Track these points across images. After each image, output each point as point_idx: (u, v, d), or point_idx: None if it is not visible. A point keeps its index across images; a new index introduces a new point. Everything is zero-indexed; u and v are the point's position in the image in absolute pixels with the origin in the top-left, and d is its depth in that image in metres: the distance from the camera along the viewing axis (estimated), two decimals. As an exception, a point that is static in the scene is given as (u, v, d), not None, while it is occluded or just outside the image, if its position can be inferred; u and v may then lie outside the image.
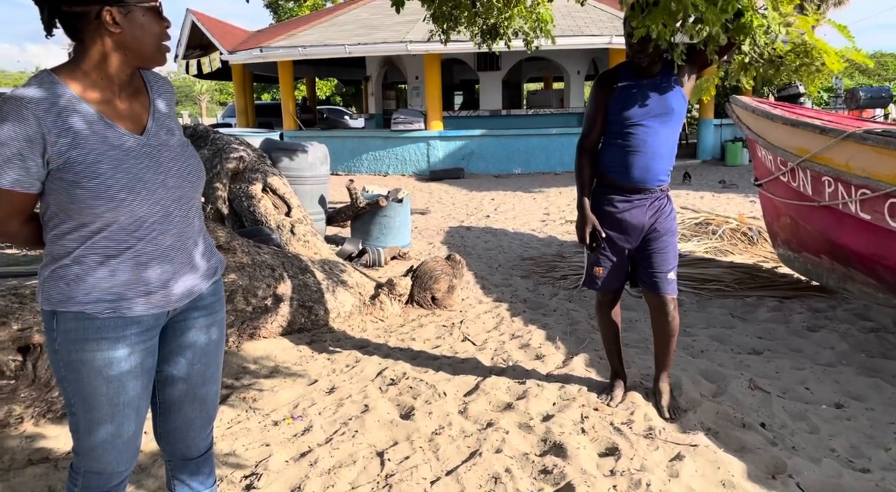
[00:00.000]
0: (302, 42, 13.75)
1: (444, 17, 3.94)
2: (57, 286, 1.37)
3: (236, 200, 5.31)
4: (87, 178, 1.30)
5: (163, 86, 1.53)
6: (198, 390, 1.60)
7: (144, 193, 1.36)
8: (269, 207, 5.22)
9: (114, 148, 1.34)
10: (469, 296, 4.69)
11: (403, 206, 6.08)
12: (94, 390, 1.40)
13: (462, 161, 13.54)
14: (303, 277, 4.04)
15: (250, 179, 5.38)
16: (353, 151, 14.05)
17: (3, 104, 1.26)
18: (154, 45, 1.38)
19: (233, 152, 5.50)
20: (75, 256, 1.36)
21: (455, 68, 17.57)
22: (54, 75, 1.33)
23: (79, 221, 1.34)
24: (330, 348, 3.61)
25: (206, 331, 1.59)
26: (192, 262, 1.51)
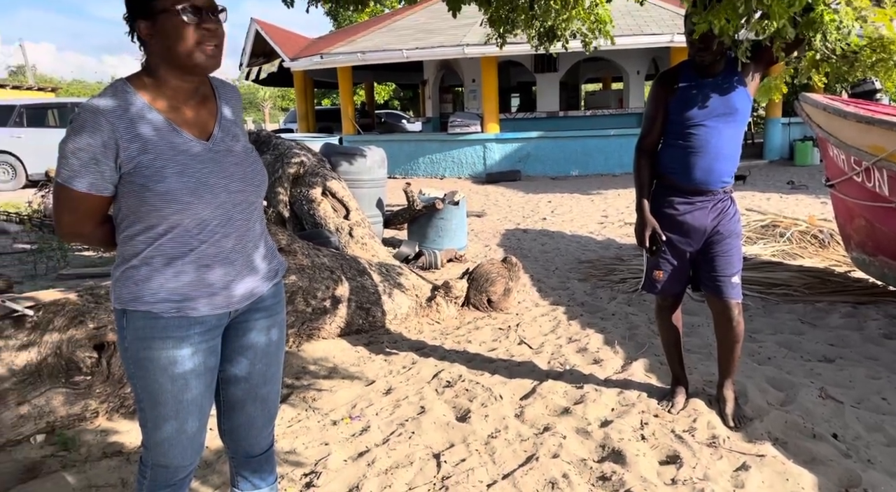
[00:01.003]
0: (361, 48, 13.98)
1: (501, 20, 3.93)
2: (126, 286, 1.44)
3: (297, 204, 5.44)
4: (154, 181, 1.35)
5: (230, 93, 1.57)
6: (259, 389, 1.64)
7: (208, 196, 1.40)
8: (328, 211, 5.33)
9: (180, 153, 1.39)
10: (525, 299, 4.66)
11: (459, 208, 6.10)
12: (160, 387, 1.46)
13: (518, 163, 13.47)
14: (361, 280, 4.10)
15: (310, 182, 5.50)
16: (410, 155, 14.18)
17: (80, 113, 1.33)
18: (188, 50, 1.36)
19: (294, 157, 5.64)
20: (143, 258, 1.42)
21: (512, 70, 17.50)
22: (127, 84, 1.39)
23: (147, 224, 1.39)
24: (387, 350, 3.65)
25: (266, 332, 1.62)
26: (253, 264, 1.54)
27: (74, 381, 2.57)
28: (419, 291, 4.38)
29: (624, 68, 15.49)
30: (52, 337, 2.59)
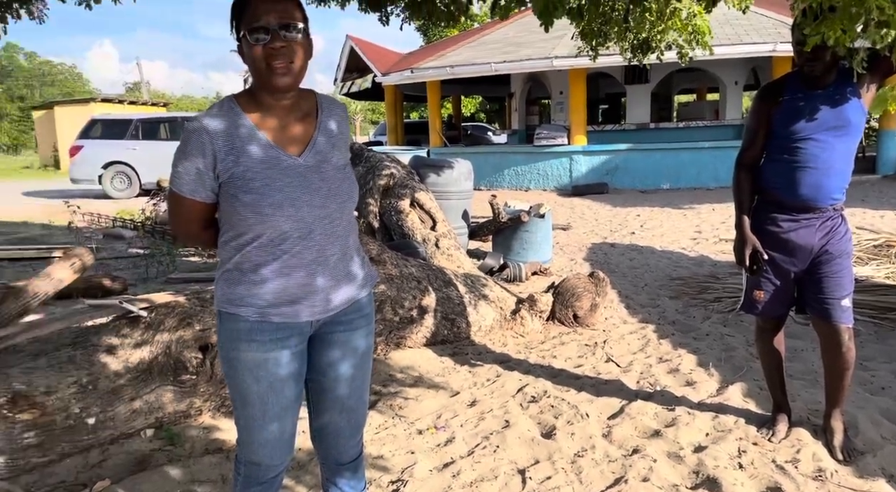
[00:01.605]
0: (450, 62, 14.19)
1: (593, 33, 3.89)
2: (221, 288, 1.54)
3: (386, 215, 5.57)
4: (243, 192, 1.44)
5: (334, 110, 1.62)
6: (346, 399, 1.67)
7: (290, 209, 1.46)
8: (415, 222, 5.42)
9: (270, 167, 1.46)
10: (613, 315, 4.55)
11: (545, 221, 6.05)
12: (248, 388, 1.53)
13: (606, 176, 13.21)
14: (446, 290, 4.14)
15: (399, 194, 5.62)
16: (496, 167, 14.21)
17: (188, 126, 1.46)
18: (259, 70, 1.43)
19: (384, 169, 5.78)
20: (234, 263, 1.51)
21: (601, 82, 17.23)
22: (233, 101, 1.50)
23: (237, 231, 1.48)
24: (471, 361, 3.67)
25: (351, 342, 1.65)
26: (335, 275, 1.57)
27: (181, 379, 2.74)
28: (503, 303, 4.38)
29: (721, 79, 14.90)
30: (162, 337, 2.78)
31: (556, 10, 3.12)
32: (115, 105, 22.08)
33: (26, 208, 11.01)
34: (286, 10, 1.43)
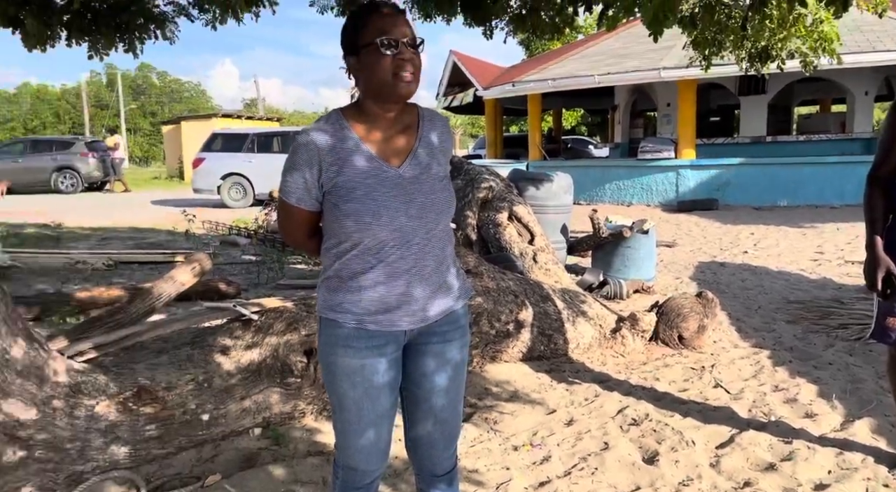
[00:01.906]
0: (552, 75, 14.09)
1: (706, 42, 3.73)
2: (322, 294, 1.59)
3: (484, 227, 5.58)
4: (344, 201, 1.49)
5: (435, 124, 1.65)
6: (440, 410, 1.67)
7: (386, 219, 1.49)
8: (513, 235, 5.39)
9: (370, 177, 1.50)
10: (722, 338, 4.31)
11: (648, 237, 5.84)
12: (344, 393, 1.57)
13: (716, 191, 12.58)
14: (543, 305, 4.08)
15: (497, 207, 5.62)
16: (597, 181, 13.91)
17: (298, 137, 1.53)
18: (383, 80, 1.47)
19: (483, 182, 5.81)
20: (335, 270, 1.55)
21: (712, 93, 16.50)
22: (340, 114, 1.56)
23: (337, 239, 1.54)
24: (569, 379, 3.58)
25: (446, 353, 1.65)
26: (432, 285, 1.59)
27: (287, 382, 2.85)
28: (603, 321, 4.25)
29: (849, 89, 13.88)
30: (271, 340, 2.91)
31: (666, 19, 3.02)
32: (234, 120, 23.59)
33: (154, 216, 11.95)
34: (407, 25, 1.50)
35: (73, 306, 4.55)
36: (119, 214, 12.08)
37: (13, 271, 6.16)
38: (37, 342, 2.37)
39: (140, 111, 45.53)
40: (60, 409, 2.32)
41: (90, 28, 4.13)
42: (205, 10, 4.19)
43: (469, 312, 3.68)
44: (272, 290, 5.59)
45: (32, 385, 2.27)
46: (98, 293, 4.73)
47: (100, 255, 6.96)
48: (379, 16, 1.48)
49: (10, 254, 6.57)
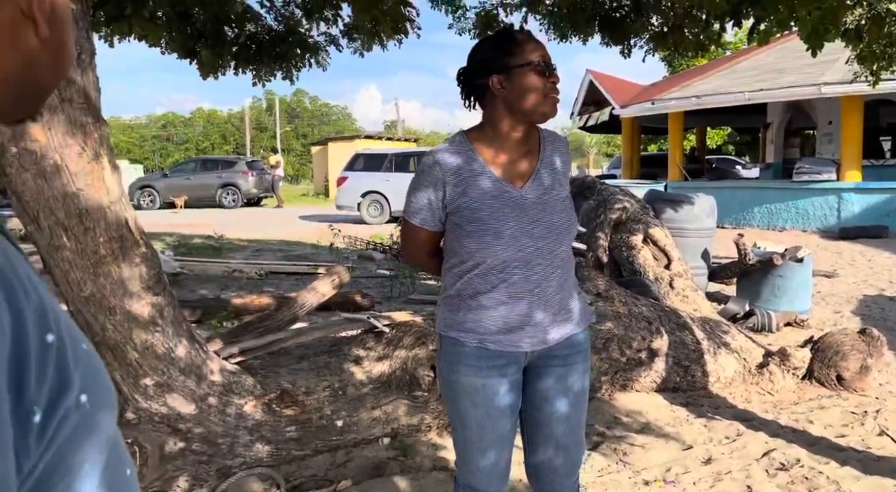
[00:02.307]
0: (696, 92, 13.46)
1: (874, 56, 3.39)
2: (443, 313, 1.62)
3: (616, 250, 5.42)
4: (467, 221, 1.52)
5: (556, 145, 1.67)
6: (560, 436, 1.65)
7: (509, 239, 1.51)
8: (648, 259, 5.19)
9: (493, 198, 1.53)
10: (890, 381, 3.85)
11: (804, 266, 5.36)
12: (465, 412, 1.58)
13: (886, 218, 11.30)
14: (680, 334, 3.88)
15: (631, 229, 5.44)
16: (744, 204, 13.02)
17: (423, 159, 1.59)
18: (536, 99, 1.51)
19: (616, 203, 5.65)
20: (456, 289, 1.58)
21: (882, 110, 14.92)
22: (464, 136, 1.61)
23: (459, 258, 1.56)
24: (707, 414, 3.37)
25: (567, 379, 1.63)
26: (553, 307, 1.58)
27: (415, 395, 2.93)
28: (748, 354, 3.95)
29: None
30: (400, 353, 3.01)
31: (827, 32, 2.79)
32: (375, 141, 24.80)
33: (300, 230, 12.81)
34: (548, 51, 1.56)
35: (229, 311, 4.99)
36: (271, 227, 13.09)
37: (181, 277, 6.87)
38: (198, 343, 2.62)
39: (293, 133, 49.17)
40: (215, 406, 2.54)
41: (254, 57, 4.56)
42: (353, 40, 4.47)
43: (597, 336, 3.59)
44: (403, 304, 5.78)
45: (192, 382, 2.51)
46: (250, 300, 5.14)
47: (253, 265, 7.58)
48: (531, 39, 1.54)
49: (179, 262, 7.34)
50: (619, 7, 4.17)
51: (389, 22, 3.88)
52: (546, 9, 4.33)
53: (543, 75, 1.51)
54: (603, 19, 4.30)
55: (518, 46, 1.52)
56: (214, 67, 4.52)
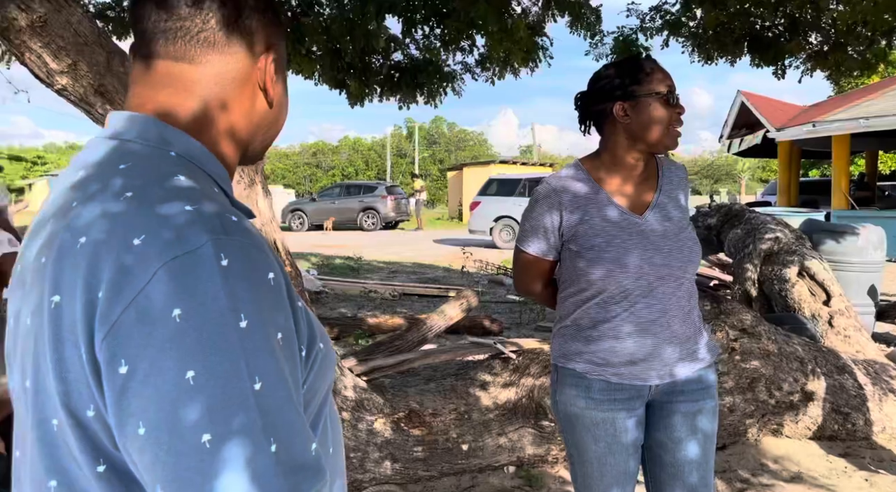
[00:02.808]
0: (865, 113, 12.25)
1: None
2: (558, 342, 1.58)
3: (766, 283, 5.03)
4: (585, 250, 1.49)
5: (675, 172, 1.63)
6: (687, 477, 1.56)
7: (631, 267, 1.46)
8: (803, 294, 4.76)
9: (612, 225, 1.50)
10: None
11: None
12: (585, 446, 1.52)
13: None
14: (839, 378, 3.51)
15: (785, 261, 5.02)
16: (923, 235, 11.56)
17: (539, 188, 1.58)
18: (660, 130, 1.48)
19: (767, 232, 5.25)
20: (574, 319, 1.54)
21: None
22: (580, 164, 1.59)
23: (578, 287, 1.53)
24: (870, 467, 3.00)
25: (693, 416, 1.55)
26: (678, 339, 1.51)
27: (541, 424, 2.89)
28: (923, 406, 3.49)
29: None
30: (527, 381, 2.98)
31: None
32: (510, 166, 25.01)
33: (434, 253, 13.16)
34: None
35: (364, 330, 5.22)
36: (406, 250, 13.57)
37: (322, 296, 7.30)
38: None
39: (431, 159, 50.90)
40: (347, 421, 2.66)
41: (397, 85, 4.83)
42: (486, 68, 4.60)
43: (742, 375, 3.34)
44: (532, 331, 5.72)
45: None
46: (384, 320, 5.35)
47: (388, 286, 7.88)
48: (659, 68, 1.51)
49: (322, 281, 7.81)
50: (771, 27, 3.93)
51: (521, 52, 3.94)
52: (689, 31, 4.18)
53: (669, 106, 1.49)
54: (753, 39, 4.07)
55: (646, 75, 1.50)
56: (361, 96, 4.83)
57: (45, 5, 1.90)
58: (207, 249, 0.54)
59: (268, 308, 0.57)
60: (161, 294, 0.52)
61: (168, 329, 0.51)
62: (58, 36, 1.97)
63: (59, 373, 0.56)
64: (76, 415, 0.56)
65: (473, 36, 4.26)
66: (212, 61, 0.68)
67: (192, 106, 0.68)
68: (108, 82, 2.12)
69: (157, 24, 0.67)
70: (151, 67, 0.68)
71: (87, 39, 2.05)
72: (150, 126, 0.66)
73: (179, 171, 0.63)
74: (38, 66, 2.00)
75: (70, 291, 0.55)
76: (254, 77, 0.71)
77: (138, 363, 0.51)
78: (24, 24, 1.88)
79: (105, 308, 0.53)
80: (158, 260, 0.53)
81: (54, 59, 1.98)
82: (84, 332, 0.54)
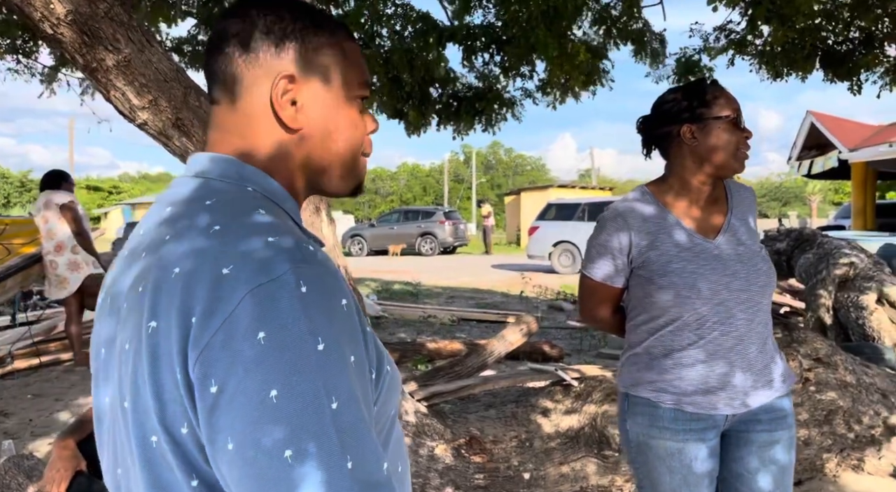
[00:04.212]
0: (944, 130, 11.61)
1: None
2: (630, 371, 1.54)
3: (842, 310, 4.79)
4: (658, 275, 1.46)
5: (744, 195, 1.60)
6: None
7: (707, 293, 1.43)
8: (883, 322, 4.51)
9: (685, 250, 1.46)
10: None
11: None
12: (659, 477, 1.48)
13: None
14: (927, 412, 3.29)
15: (861, 287, 4.78)
16: None
17: (606, 213, 1.56)
18: (729, 153, 1.46)
19: (842, 257, 5.02)
20: (645, 346, 1.51)
21: None
22: (647, 188, 1.57)
23: (650, 314, 1.49)
24: (965, 514, 2.79)
25: (771, 448, 1.50)
26: (754, 368, 1.47)
27: (604, 454, 2.82)
28: None
29: None
30: (589, 409, 2.93)
31: None
32: (568, 190, 24.83)
33: (492, 278, 13.13)
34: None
35: (424, 355, 5.23)
36: (464, 275, 13.59)
37: (382, 320, 7.37)
38: (394, 383, 2.79)
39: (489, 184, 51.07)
40: (409, 446, 2.67)
41: (455, 114, 4.89)
42: (547, 93, 4.61)
43: (817, 406, 3.17)
44: (594, 358, 5.61)
45: (388, 420, 2.67)
46: (443, 345, 5.36)
47: (446, 311, 7.90)
48: (726, 92, 1.50)
49: (381, 306, 7.90)
50: (844, 41, 3.81)
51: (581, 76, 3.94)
52: (756, 48, 4.09)
53: (737, 129, 1.47)
54: (825, 54, 3.95)
55: (714, 98, 1.48)
56: (419, 125, 4.92)
57: (130, 46, 2.04)
58: (289, 277, 0.58)
59: (342, 332, 0.60)
60: (247, 318, 0.56)
61: (253, 351, 0.55)
62: (140, 74, 2.10)
63: (156, 392, 0.60)
64: (171, 432, 0.60)
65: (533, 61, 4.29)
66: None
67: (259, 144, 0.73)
68: (184, 116, 2.25)
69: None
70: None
71: (167, 76, 2.18)
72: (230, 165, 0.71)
73: (259, 205, 0.67)
74: (121, 102, 2.13)
75: (166, 317, 0.60)
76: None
77: (227, 382, 0.55)
78: (111, 64, 2.02)
79: (198, 332, 0.57)
80: (245, 287, 0.57)
81: (137, 96, 2.12)
82: (179, 354, 0.58)
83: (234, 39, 0.71)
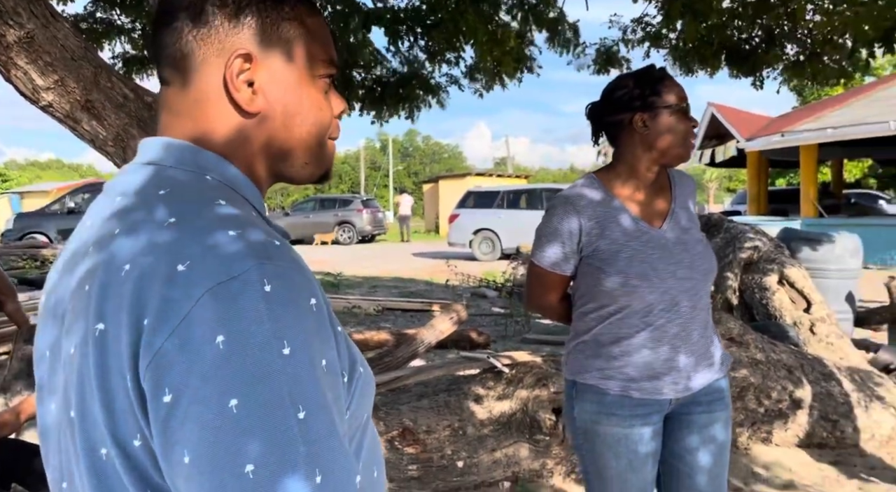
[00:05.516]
0: (832, 123, 12.58)
1: None
2: (577, 359, 1.56)
3: (747, 292, 5.09)
4: (608, 264, 1.47)
5: (686, 184, 1.64)
6: (703, 489, 1.56)
7: (655, 281, 1.45)
8: (784, 301, 4.82)
9: (634, 239, 1.49)
10: None
11: (971, 313, 4.78)
12: (606, 464, 1.51)
13: None
14: (825, 385, 3.55)
15: (765, 269, 5.09)
16: (892, 242, 11.88)
17: (555, 201, 1.56)
18: (678, 141, 1.49)
19: (747, 241, 5.33)
20: (594, 334, 1.53)
21: None
22: (594, 176, 1.58)
23: (599, 303, 1.51)
24: (861, 475, 3.03)
25: (710, 428, 1.55)
26: (696, 352, 1.52)
27: (536, 438, 2.87)
28: (908, 411, 3.54)
29: None
30: (521, 393, 2.97)
31: None
32: (486, 178, 25.09)
33: (414, 266, 13.11)
34: None
35: (349, 346, 5.14)
36: (385, 263, 13.50)
37: (304, 311, 7.18)
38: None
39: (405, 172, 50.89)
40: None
41: (379, 100, 4.79)
42: (475, 79, 4.60)
43: (731, 384, 3.36)
44: (519, 343, 5.71)
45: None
46: (370, 336, 5.28)
47: (370, 301, 7.81)
48: (675, 81, 1.52)
49: (302, 296, 7.69)
50: (749, 38, 4.01)
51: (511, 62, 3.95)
52: (670, 43, 4.24)
53: (686, 118, 1.50)
54: (731, 51, 4.15)
55: (665, 87, 1.50)
56: (340, 111, 4.79)
57: (33, 20, 1.85)
58: (252, 275, 0.53)
59: (311, 334, 0.55)
60: (204, 321, 0.51)
61: (211, 356, 0.50)
62: (45, 52, 1.91)
63: (105, 402, 0.54)
64: (122, 445, 0.54)
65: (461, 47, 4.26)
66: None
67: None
68: (94, 98, 2.07)
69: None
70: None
71: (75, 54, 2.00)
72: (185, 152, 0.64)
73: (219, 195, 0.60)
74: (23, 82, 1.94)
75: (115, 320, 0.54)
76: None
77: (182, 391, 0.50)
78: (12, 40, 1.82)
79: (149, 336, 0.52)
80: (203, 286, 0.52)
81: (41, 76, 1.92)
82: (129, 360, 0.53)
83: (184, 12, 0.63)
